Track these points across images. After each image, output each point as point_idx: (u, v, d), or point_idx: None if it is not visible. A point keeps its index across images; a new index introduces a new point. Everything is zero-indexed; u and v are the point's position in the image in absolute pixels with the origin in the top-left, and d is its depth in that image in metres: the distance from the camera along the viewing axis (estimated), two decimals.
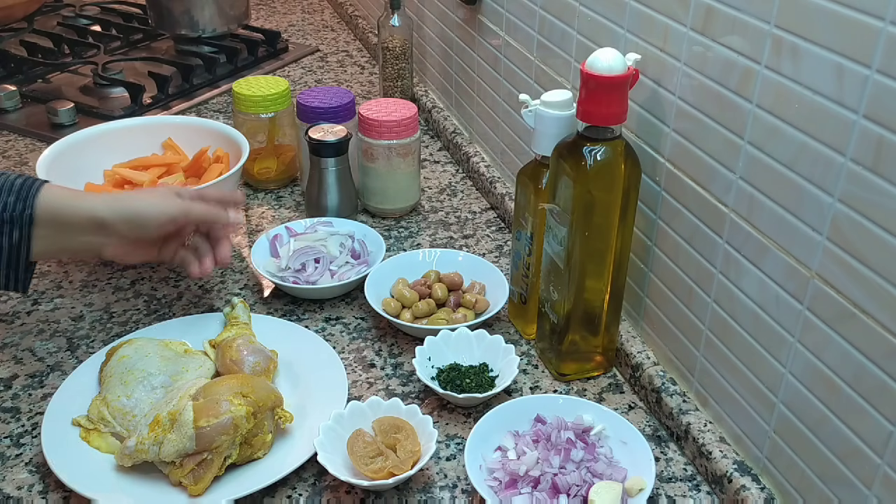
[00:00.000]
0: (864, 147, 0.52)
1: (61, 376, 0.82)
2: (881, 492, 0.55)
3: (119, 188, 1.06)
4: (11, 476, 0.72)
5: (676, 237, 0.74)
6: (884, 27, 0.49)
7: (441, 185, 1.21)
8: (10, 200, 0.69)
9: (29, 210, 0.70)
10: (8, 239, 0.69)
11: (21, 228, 0.70)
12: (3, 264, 0.71)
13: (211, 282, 0.99)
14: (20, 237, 0.70)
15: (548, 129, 0.78)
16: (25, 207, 0.70)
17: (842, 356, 0.57)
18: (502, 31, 1.07)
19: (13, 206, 0.69)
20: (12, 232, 0.70)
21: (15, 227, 0.70)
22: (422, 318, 0.89)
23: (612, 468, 0.69)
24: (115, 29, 1.70)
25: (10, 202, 0.69)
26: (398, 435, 0.72)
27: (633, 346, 0.82)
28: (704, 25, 0.65)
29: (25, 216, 0.70)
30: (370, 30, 1.70)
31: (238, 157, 1.06)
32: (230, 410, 0.69)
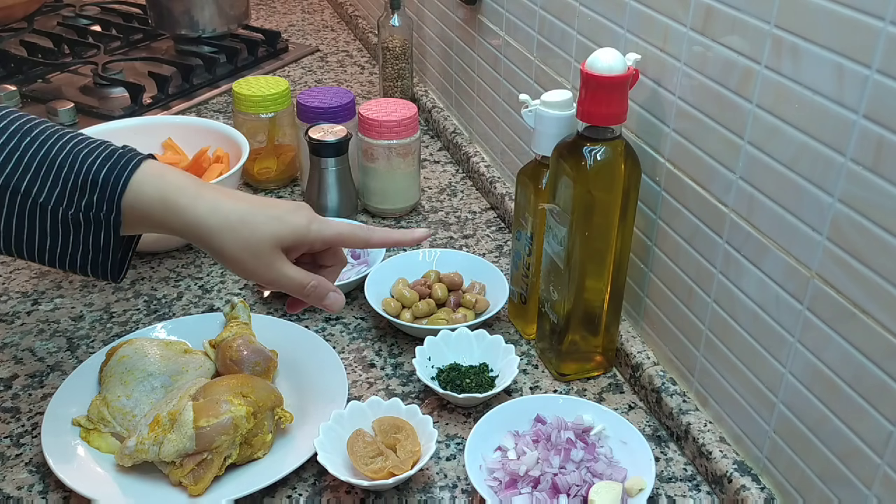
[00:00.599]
0: (864, 147, 0.52)
1: (61, 376, 0.82)
2: (881, 492, 0.55)
3: None
4: (11, 476, 0.72)
5: (676, 237, 0.74)
6: (884, 27, 0.49)
7: (441, 185, 1.21)
8: (94, 199, 0.60)
9: (115, 213, 0.62)
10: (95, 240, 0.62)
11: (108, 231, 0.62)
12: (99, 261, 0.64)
13: (211, 282, 0.99)
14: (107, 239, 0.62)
15: (548, 129, 0.78)
16: (111, 210, 0.61)
17: (842, 356, 0.57)
18: (502, 31, 1.07)
19: (98, 207, 0.60)
20: (99, 234, 0.62)
21: (101, 230, 0.62)
22: (422, 318, 0.89)
23: (612, 468, 0.69)
24: (115, 29, 1.70)
25: (94, 201, 0.60)
26: (398, 435, 0.72)
27: (633, 346, 0.82)
28: (704, 25, 0.65)
29: (112, 221, 0.62)
30: (370, 30, 1.70)
31: (238, 157, 1.06)
32: (230, 410, 0.69)
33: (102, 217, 0.62)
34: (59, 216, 0.61)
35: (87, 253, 0.63)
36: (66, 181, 0.61)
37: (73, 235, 0.62)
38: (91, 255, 0.63)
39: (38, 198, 0.60)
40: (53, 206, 0.61)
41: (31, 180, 0.60)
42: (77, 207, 0.61)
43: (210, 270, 1.01)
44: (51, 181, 0.60)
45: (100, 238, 0.62)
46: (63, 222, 0.61)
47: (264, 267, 0.66)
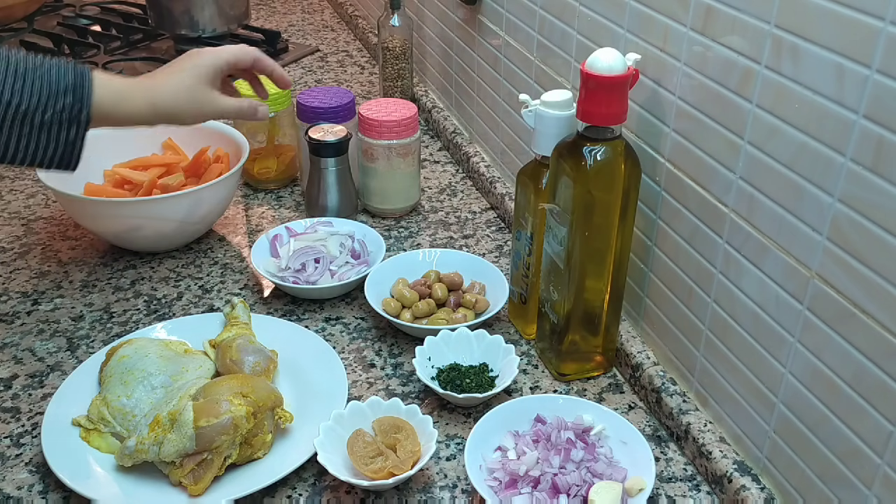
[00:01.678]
0: (864, 147, 0.52)
1: (61, 376, 0.82)
2: (881, 492, 0.55)
3: (119, 188, 1.06)
4: (11, 476, 0.72)
5: (676, 237, 0.74)
6: (884, 27, 0.49)
7: (441, 185, 1.21)
8: (67, 102, 0.76)
9: (86, 110, 0.77)
10: (66, 134, 0.77)
11: (78, 127, 0.77)
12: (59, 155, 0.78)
13: (211, 282, 0.99)
14: (76, 133, 0.77)
15: (548, 129, 0.78)
16: (83, 108, 0.77)
17: (842, 356, 0.57)
18: (502, 31, 1.07)
19: (71, 107, 0.76)
20: (70, 129, 0.77)
21: (73, 126, 0.77)
22: (422, 318, 0.89)
23: (612, 468, 0.69)
24: (115, 29, 1.70)
25: (67, 103, 0.76)
26: (398, 435, 0.72)
27: (633, 346, 0.82)
28: (704, 25, 0.65)
29: (83, 116, 0.77)
30: (370, 30, 1.70)
31: (238, 156, 1.06)
32: (230, 410, 0.69)
33: (75, 115, 0.76)
34: (38, 119, 0.75)
35: (57, 147, 0.77)
36: (41, 88, 0.75)
37: (47, 134, 0.76)
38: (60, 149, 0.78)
39: (20, 105, 0.74)
40: (34, 111, 0.74)
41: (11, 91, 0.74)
42: (53, 109, 0.75)
43: (210, 270, 1.01)
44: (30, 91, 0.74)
45: (70, 133, 0.77)
46: (40, 125, 0.75)
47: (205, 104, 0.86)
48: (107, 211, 0.96)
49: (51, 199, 1.15)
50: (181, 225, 1.00)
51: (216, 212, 1.04)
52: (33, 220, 1.11)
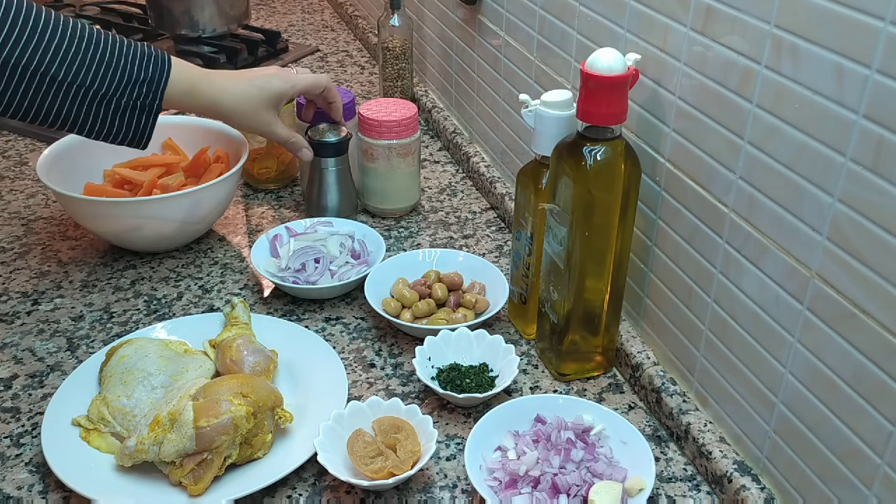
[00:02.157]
0: (864, 147, 0.52)
1: (61, 376, 0.82)
2: (881, 492, 0.55)
3: (119, 188, 1.06)
4: (11, 476, 0.72)
5: (676, 237, 0.74)
6: (884, 27, 0.49)
7: (441, 185, 1.21)
8: (143, 91, 0.84)
9: (158, 100, 0.86)
10: (137, 119, 0.86)
11: (150, 114, 0.86)
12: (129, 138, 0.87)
13: (211, 282, 0.99)
14: (147, 119, 0.86)
15: (548, 129, 0.78)
16: (156, 98, 0.85)
17: (842, 356, 0.57)
18: (502, 31, 1.07)
19: (146, 96, 0.84)
20: (142, 117, 0.86)
21: (144, 113, 0.85)
22: (422, 318, 0.89)
23: (612, 468, 0.69)
24: (116, 29, 1.70)
25: (142, 93, 0.84)
26: (398, 435, 0.72)
27: (633, 346, 0.82)
28: (704, 25, 0.65)
29: (155, 105, 0.86)
30: (370, 30, 1.70)
31: (238, 156, 1.06)
32: (230, 410, 0.69)
33: (148, 104, 0.85)
34: (113, 104, 0.83)
35: (128, 131, 0.86)
36: (121, 76, 0.83)
37: (121, 118, 0.85)
38: (131, 132, 0.87)
39: (98, 90, 0.82)
40: (110, 95, 0.83)
41: (94, 76, 0.81)
42: (129, 96, 0.84)
43: (210, 270, 1.01)
44: (109, 76, 0.82)
45: (142, 119, 0.86)
46: (115, 108, 0.84)
47: (264, 125, 0.96)
48: (107, 211, 0.96)
49: (51, 199, 1.15)
50: (181, 225, 1.00)
51: (216, 212, 1.04)
52: (33, 220, 1.11)
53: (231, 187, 1.02)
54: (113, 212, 0.96)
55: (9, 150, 1.29)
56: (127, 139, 0.87)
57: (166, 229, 0.99)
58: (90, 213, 0.97)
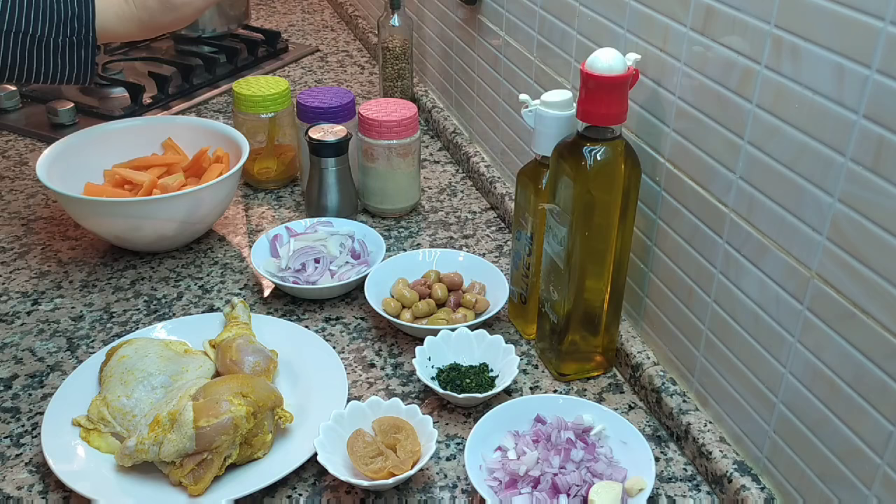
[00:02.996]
0: (864, 147, 0.52)
1: (61, 376, 0.82)
2: (881, 492, 0.55)
3: (119, 188, 1.06)
4: (11, 476, 0.72)
5: (676, 237, 0.74)
6: (884, 27, 0.49)
7: (441, 185, 1.21)
8: (75, 26, 0.86)
9: (92, 32, 0.88)
10: (77, 58, 0.88)
11: (87, 47, 0.88)
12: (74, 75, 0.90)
13: (211, 282, 0.99)
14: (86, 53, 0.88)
15: (548, 129, 0.78)
16: (89, 30, 0.87)
17: (842, 356, 0.57)
18: (502, 31, 1.07)
19: (78, 31, 0.87)
20: (80, 51, 0.88)
21: (82, 48, 0.88)
22: (422, 318, 0.89)
23: (612, 468, 0.69)
24: None
25: (75, 27, 0.86)
26: (398, 435, 0.72)
27: (633, 346, 0.82)
28: (704, 25, 0.65)
29: (90, 38, 0.88)
30: (370, 30, 1.70)
31: (238, 156, 1.05)
32: (230, 410, 0.69)
33: (83, 38, 0.87)
34: (51, 45, 0.86)
35: (73, 68, 0.89)
36: (50, 17, 0.85)
37: (62, 57, 0.87)
38: (75, 69, 0.89)
39: (34, 33, 0.85)
40: (45, 37, 0.85)
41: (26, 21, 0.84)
42: (63, 34, 0.86)
43: (210, 270, 1.01)
44: (40, 19, 0.85)
45: (81, 54, 0.88)
46: (53, 49, 0.86)
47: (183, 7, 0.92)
48: (107, 211, 0.96)
49: (51, 199, 1.15)
50: (181, 225, 1.00)
51: (216, 212, 1.04)
52: (33, 220, 1.11)
53: (231, 187, 1.02)
54: (113, 212, 0.96)
55: (9, 150, 1.29)
56: (73, 76, 0.89)
57: (166, 229, 0.99)
58: (90, 213, 0.97)
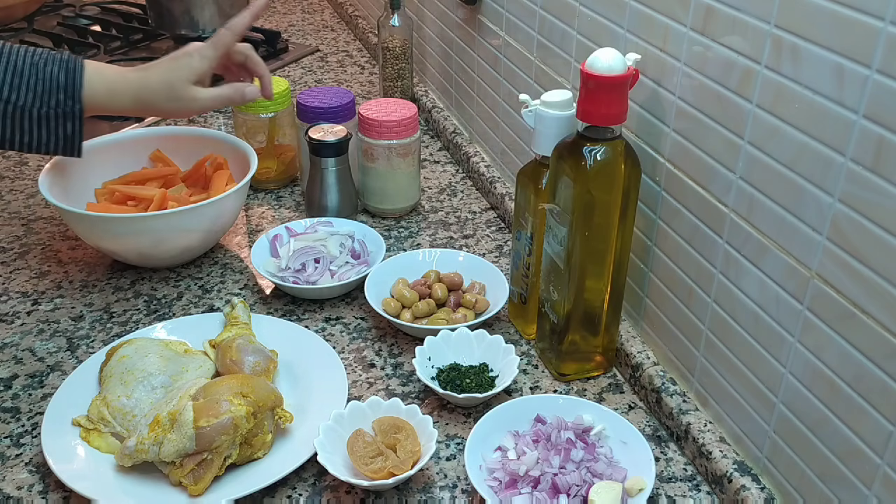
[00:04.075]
0: (864, 147, 0.52)
1: (61, 376, 0.82)
2: (881, 492, 0.55)
3: (121, 205, 1.02)
4: (11, 476, 0.72)
5: (676, 237, 0.74)
6: (884, 27, 0.49)
7: (441, 185, 1.21)
8: (60, 98, 0.83)
9: (79, 105, 0.84)
10: (63, 130, 0.85)
11: (73, 120, 0.85)
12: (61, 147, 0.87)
13: (211, 282, 0.99)
14: (73, 126, 0.85)
15: (548, 129, 0.78)
16: (75, 103, 0.84)
17: (842, 356, 0.57)
18: (502, 31, 1.07)
19: (64, 103, 0.83)
20: (66, 124, 0.85)
21: (69, 121, 0.85)
22: (422, 318, 0.89)
23: (612, 468, 0.69)
24: (115, 29, 1.70)
25: (61, 99, 0.83)
26: (398, 435, 0.72)
27: (633, 346, 0.82)
28: (704, 25, 0.65)
29: (77, 110, 0.84)
30: (370, 30, 1.70)
31: (236, 159, 1.05)
32: (230, 410, 0.69)
33: (69, 110, 0.84)
34: (35, 115, 0.83)
35: (58, 140, 0.85)
36: (35, 86, 0.82)
37: (46, 128, 0.84)
38: (61, 142, 0.86)
39: (17, 101, 0.82)
40: (30, 107, 0.82)
41: (10, 89, 0.81)
42: (48, 105, 0.83)
43: (210, 270, 1.01)
44: (23, 87, 0.82)
45: (67, 127, 0.85)
46: (38, 119, 0.83)
47: (190, 101, 0.90)
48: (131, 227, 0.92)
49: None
50: (206, 234, 0.98)
51: (234, 217, 1.02)
52: (33, 220, 1.11)
53: (245, 192, 1.01)
54: (138, 228, 0.92)
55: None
56: (59, 149, 0.86)
57: (191, 240, 0.97)
58: (113, 231, 0.93)
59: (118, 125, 1.32)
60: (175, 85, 0.89)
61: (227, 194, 0.95)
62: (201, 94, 0.91)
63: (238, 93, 0.94)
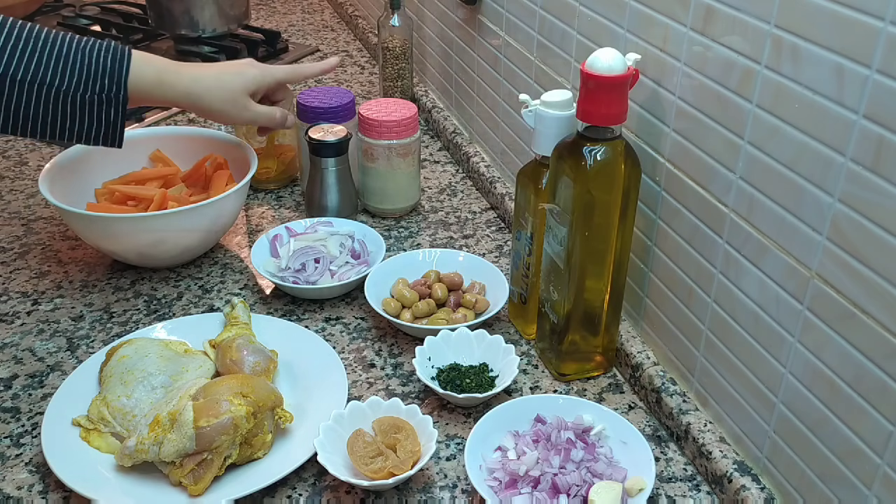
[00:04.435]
0: (864, 147, 0.52)
1: (61, 376, 0.82)
2: (881, 492, 0.55)
3: (121, 205, 1.02)
4: (11, 476, 0.72)
5: (676, 237, 0.74)
6: (884, 27, 0.49)
7: (441, 185, 1.21)
8: (105, 83, 0.82)
9: (123, 92, 0.84)
10: (106, 117, 0.84)
11: (117, 107, 0.84)
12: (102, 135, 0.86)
13: (211, 282, 0.99)
14: (116, 113, 0.84)
15: (548, 129, 0.78)
16: (120, 89, 0.83)
17: (842, 356, 0.57)
18: (502, 31, 1.07)
19: (108, 88, 0.82)
20: (110, 110, 0.84)
21: (112, 107, 0.84)
22: (422, 318, 0.89)
23: (612, 468, 0.69)
24: (115, 29, 1.70)
25: (105, 84, 0.82)
26: (398, 435, 0.72)
27: (633, 346, 0.82)
28: (704, 25, 0.65)
29: (121, 97, 0.84)
30: (370, 30, 1.70)
31: (235, 159, 1.05)
32: (230, 410, 0.69)
33: (113, 96, 0.83)
34: (79, 100, 0.82)
35: (100, 127, 0.85)
36: (80, 71, 0.81)
37: (89, 114, 0.83)
38: (102, 128, 0.85)
39: (60, 86, 0.80)
40: (73, 91, 0.81)
41: (53, 73, 0.80)
42: (92, 91, 0.82)
43: (210, 270, 1.01)
44: (69, 72, 0.81)
45: (110, 113, 0.84)
46: (81, 104, 0.82)
47: (241, 109, 0.94)
48: (132, 227, 0.92)
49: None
50: (205, 235, 0.98)
51: (234, 217, 1.02)
52: (33, 220, 1.11)
53: (245, 191, 1.01)
54: (138, 227, 0.92)
55: (9, 150, 1.29)
56: (100, 137, 0.85)
57: (191, 240, 0.97)
58: (115, 231, 0.93)
59: None
60: (234, 89, 0.92)
61: (227, 194, 0.95)
62: (254, 105, 0.95)
63: (283, 116, 0.99)
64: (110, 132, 0.85)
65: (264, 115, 0.97)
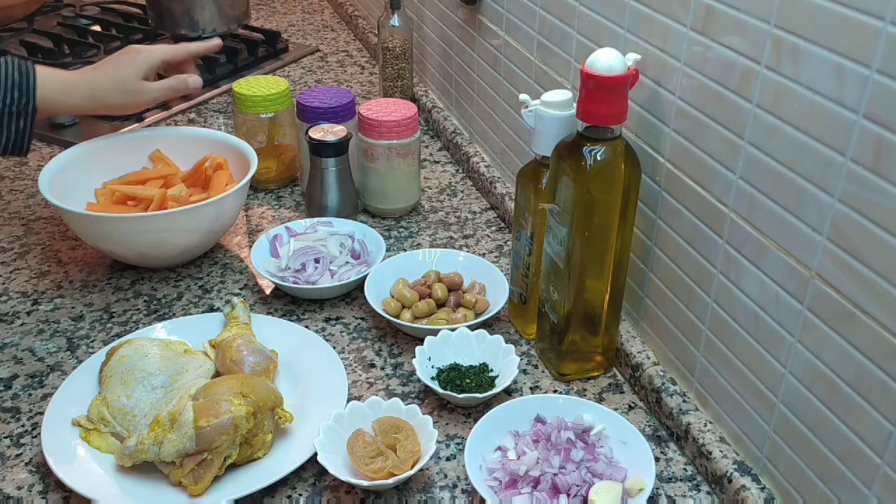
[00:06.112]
0: (864, 147, 0.52)
1: (61, 376, 0.82)
2: (881, 492, 0.55)
3: (121, 205, 1.02)
4: (11, 476, 0.72)
5: (676, 237, 0.74)
6: (884, 27, 0.49)
7: (441, 185, 1.21)
8: (15, 96, 0.88)
9: (32, 103, 0.89)
10: (15, 125, 0.89)
11: (26, 118, 0.89)
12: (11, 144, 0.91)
13: (211, 282, 0.99)
14: (25, 124, 0.90)
15: (548, 129, 0.78)
16: (29, 101, 0.89)
17: (842, 356, 0.57)
18: (502, 31, 1.07)
19: (18, 100, 0.88)
20: (19, 121, 0.89)
21: (21, 117, 0.89)
22: (422, 318, 0.89)
23: (612, 468, 0.69)
24: (115, 29, 1.70)
25: (15, 97, 0.88)
26: (398, 435, 0.72)
27: (633, 346, 0.82)
28: (704, 25, 0.65)
29: (30, 108, 0.89)
30: (370, 30, 1.70)
31: (235, 159, 1.05)
32: (230, 410, 0.69)
33: (23, 108, 0.89)
34: None
35: (9, 137, 0.90)
36: None
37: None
38: (12, 139, 0.90)
39: None
40: None
41: None
42: (3, 104, 0.88)
43: (210, 270, 1.01)
44: None
45: (20, 124, 0.89)
46: None
47: (140, 94, 0.99)
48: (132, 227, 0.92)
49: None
50: (206, 235, 0.98)
51: (234, 217, 1.02)
52: (33, 220, 1.11)
53: (245, 191, 1.01)
54: (139, 228, 0.92)
55: None
56: (8, 147, 0.90)
57: (191, 240, 0.97)
58: (115, 231, 0.93)
59: (118, 125, 1.32)
60: (125, 79, 0.97)
61: (227, 194, 0.95)
62: (149, 86, 0.99)
63: (182, 83, 1.03)
64: (17, 142, 0.90)
65: (164, 91, 1.01)
